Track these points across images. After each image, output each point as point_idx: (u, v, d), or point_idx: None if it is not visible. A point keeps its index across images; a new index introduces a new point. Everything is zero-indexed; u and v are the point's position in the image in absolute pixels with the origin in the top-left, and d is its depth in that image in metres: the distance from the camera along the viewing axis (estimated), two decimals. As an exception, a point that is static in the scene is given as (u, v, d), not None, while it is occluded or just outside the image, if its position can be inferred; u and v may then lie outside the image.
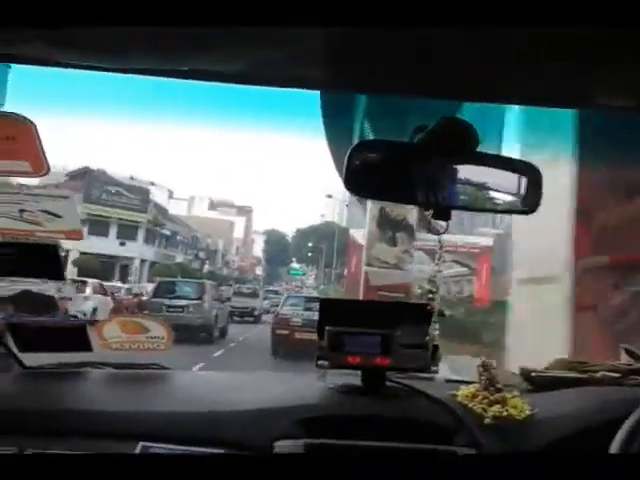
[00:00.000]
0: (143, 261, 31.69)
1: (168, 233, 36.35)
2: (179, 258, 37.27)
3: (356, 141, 0.95)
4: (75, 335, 1.33)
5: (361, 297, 11.79)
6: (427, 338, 1.20)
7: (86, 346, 1.34)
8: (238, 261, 59.37)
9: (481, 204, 0.95)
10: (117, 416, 1.12)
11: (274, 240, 67.59)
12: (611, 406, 1.09)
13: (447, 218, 0.93)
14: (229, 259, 55.38)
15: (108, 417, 1.11)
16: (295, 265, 63.00)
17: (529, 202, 0.95)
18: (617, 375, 1.28)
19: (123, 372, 1.39)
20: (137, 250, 30.14)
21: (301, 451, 1.03)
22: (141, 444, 1.05)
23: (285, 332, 10.64)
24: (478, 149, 0.92)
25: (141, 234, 31.49)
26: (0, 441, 1.03)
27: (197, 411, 1.13)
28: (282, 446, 1.05)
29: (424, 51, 0.77)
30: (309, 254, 55.48)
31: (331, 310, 1.27)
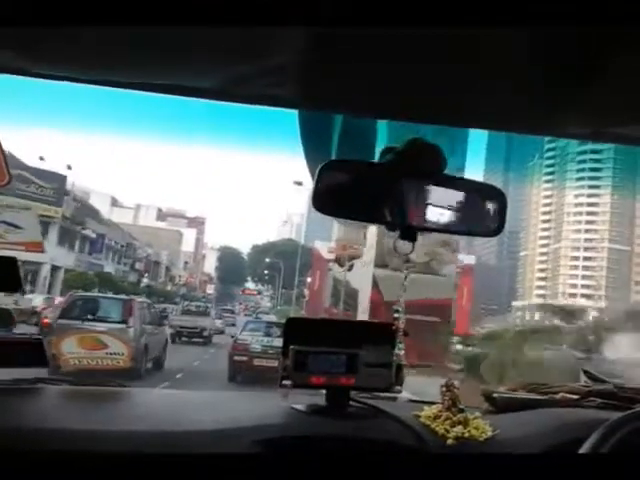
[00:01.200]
0: (56, 268, 26.83)
1: (93, 235, 31.88)
2: (109, 268, 33.37)
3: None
4: (30, 350, 1.34)
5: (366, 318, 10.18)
6: (391, 358, 1.29)
7: (41, 361, 1.35)
8: (186, 277, 57.73)
9: (447, 226, 1.06)
10: (71, 434, 1.14)
11: (228, 257, 66.72)
12: (571, 427, 1.20)
13: (413, 239, 1.03)
14: (175, 274, 53.07)
15: (62, 435, 1.13)
16: (250, 285, 62.50)
17: (494, 225, 1.06)
18: (576, 397, 1.41)
19: (79, 389, 1.41)
20: (47, 253, 24.45)
21: (260, 472, 1.09)
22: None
23: (243, 359, 10.84)
24: (445, 171, 1.03)
25: (54, 233, 26.45)
26: None
27: (155, 430, 1.17)
28: (241, 467, 1.10)
29: (398, 75, 0.87)
30: (265, 272, 55.10)
31: (296, 329, 1.33)
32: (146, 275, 41.69)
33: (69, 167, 27.69)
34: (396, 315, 1.18)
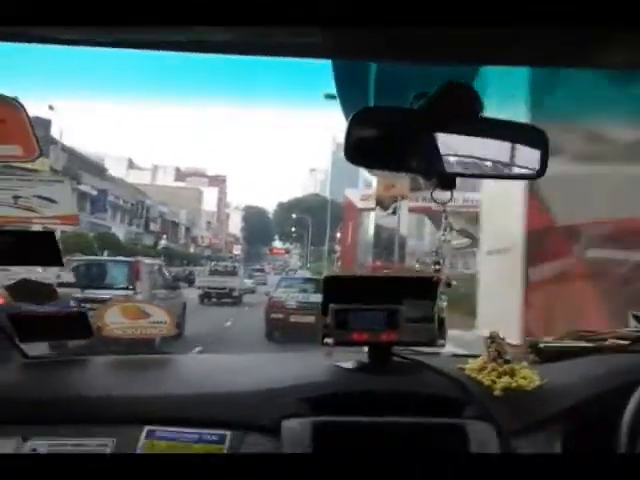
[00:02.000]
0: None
1: (93, 192, 28.84)
2: (117, 229, 30.48)
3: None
4: (76, 322, 1.41)
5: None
6: (433, 312, 1.31)
7: (87, 333, 1.42)
8: (210, 238, 57.88)
9: (487, 170, 1.04)
10: (121, 401, 1.22)
11: (253, 216, 66.98)
12: (621, 373, 1.21)
13: (452, 187, 1.03)
14: (197, 235, 52.55)
15: (112, 402, 1.22)
16: (278, 244, 63.03)
17: (536, 167, 1.04)
18: (626, 342, 1.41)
19: (126, 358, 1.49)
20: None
21: (309, 429, 1.14)
22: (147, 428, 1.16)
23: (280, 316, 11.16)
24: (482, 114, 1.01)
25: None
26: (4, 430, 1.14)
27: (202, 393, 1.24)
28: (289, 425, 1.16)
29: (427, 14, 0.85)
30: (293, 229, 55.25)
31: (335, 287, 1.36)
32: (164, 237, 39.58)
33: (51, 107, 24.23)
34: (437, 267, 1.19)
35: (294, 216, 53.46)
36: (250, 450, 1.14)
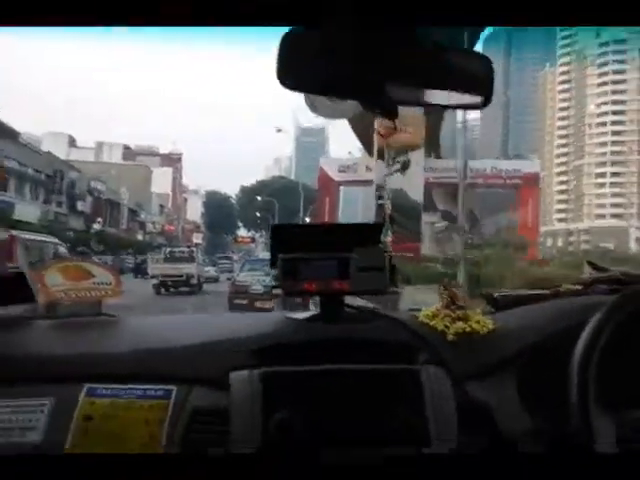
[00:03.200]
0: None
1: None
2: (26, 207, 25.93)
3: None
4: (14, 285, 1.39)
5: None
6: (384, 259, 1.35)
7: (28, 297, 1.40)
8: (164, 224, 55.92)
9: (430, 98, 1.07)
10: (61, 360, 1.23)
11: (215, 201, 65.95)
12: (573, 314, 1.27)
13: (394, 116, 1.05)
14: (146, 220, 49.82)
15: (51, 362, 1.23)
16: (242, 232, 62.60)
17: (481, 94, 1.07)
18: (580, 287, 1.48)
19: (68, 320, 1.47)
20: None
21: (257, 380, 1.17)
22: (87, 385, 1.17)
23: (243, 302, 11.16)
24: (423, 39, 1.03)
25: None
26: None
27: (148, 348, 1.26)
28: (237, 377, 1.18)
29: None
30: (258, 215, 54.70)
31: (283, 237, 1.39)
32: (98, 220, 35.80)
33: None
34: (381, 202, 1.22)
35: (259, 198, 52.95)
36: (197, 404, 1.16)
